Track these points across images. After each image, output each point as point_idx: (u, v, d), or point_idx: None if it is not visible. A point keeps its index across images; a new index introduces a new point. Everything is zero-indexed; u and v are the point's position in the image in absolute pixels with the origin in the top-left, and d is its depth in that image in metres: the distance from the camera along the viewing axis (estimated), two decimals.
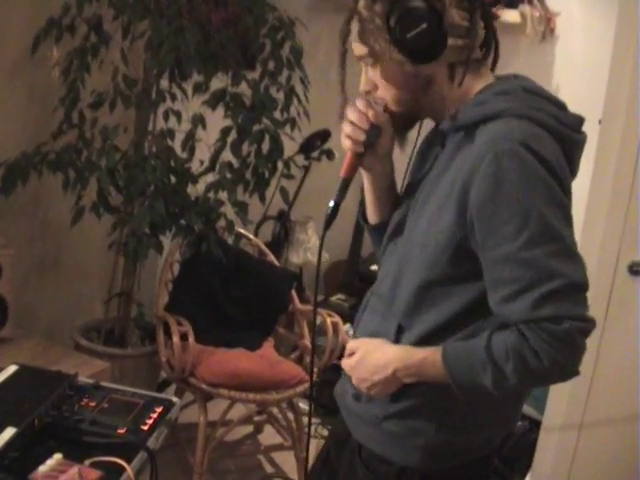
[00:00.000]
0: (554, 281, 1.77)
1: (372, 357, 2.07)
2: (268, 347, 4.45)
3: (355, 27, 1.96)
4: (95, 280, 4.83)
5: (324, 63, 5.21)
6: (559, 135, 1.89)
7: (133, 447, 2.30)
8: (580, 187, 2.11)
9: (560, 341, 1.79)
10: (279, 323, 4.71)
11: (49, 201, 4.36)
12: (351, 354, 2.14)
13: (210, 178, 3.95)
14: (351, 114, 2.05)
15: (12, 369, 2.59)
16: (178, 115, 3.88)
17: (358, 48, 1.99)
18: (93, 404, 2.47)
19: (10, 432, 2.19)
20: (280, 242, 5.42)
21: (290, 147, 4.41)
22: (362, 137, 2.06)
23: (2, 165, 3.78)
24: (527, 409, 4.37)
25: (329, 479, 2.36)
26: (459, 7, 1.87)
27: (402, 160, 2.26)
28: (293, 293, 4.65)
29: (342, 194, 2.11)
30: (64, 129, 3.92)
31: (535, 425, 4.30)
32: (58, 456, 2.16)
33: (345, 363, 2.15)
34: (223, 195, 3.90)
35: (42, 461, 2.13)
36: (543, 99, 1.94)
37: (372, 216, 2.32)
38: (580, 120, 1.99)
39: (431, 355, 1.96)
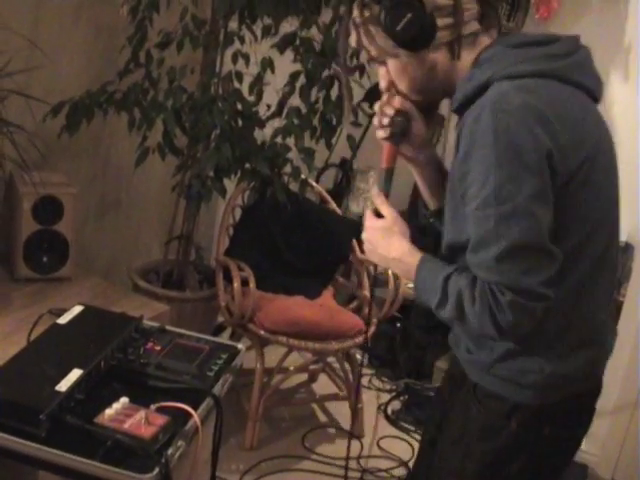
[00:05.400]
0: (499, 244, 1.89)
1: (380, 245, 2.22)
2: (328, 296, 4.42)
3: (353, 37, 2.11)
4: (155, 222, 4.82)
5: None
6: (552, 72, 1.98)
7: (199, 393, 2.28)
8: None
9: (500, 311, 1.91)
10: (337, 272, 4.67)
11: (111, 141, 4.34)
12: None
13: (277, 123, 3.89)
14: (376, 106, 2.22)
15: (77, 309, 2.58)
16: (246, 58, 3.81)
17: (364, 53, 2.14)
18: (158, 348, 2.45)
19: (76, 374, 2.18)
20: (341, 190, 5.37)
21: (358, 94, 4.33)
22: (390, 124, 2.20)
23: (67, 103, 3.74)
24: None
25: (441, 415, 2.45)
26: None
27: None
28: (354, 242, 4.59)
29: (387, 184, 2.26)
30: (131, 68, 3.88)
31: None
32: (124, 400, 2.15)
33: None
34: (289, 141, 3.84)
35: (108, 404, 2.12)
36: (530, 47, 2.03)
37: (430, 203, 2.44)
38: (572, 40, 2.08)
39: (412, 260, 2.13)
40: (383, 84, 2.17)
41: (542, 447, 2.16)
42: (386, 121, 2.20)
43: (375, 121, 2.23)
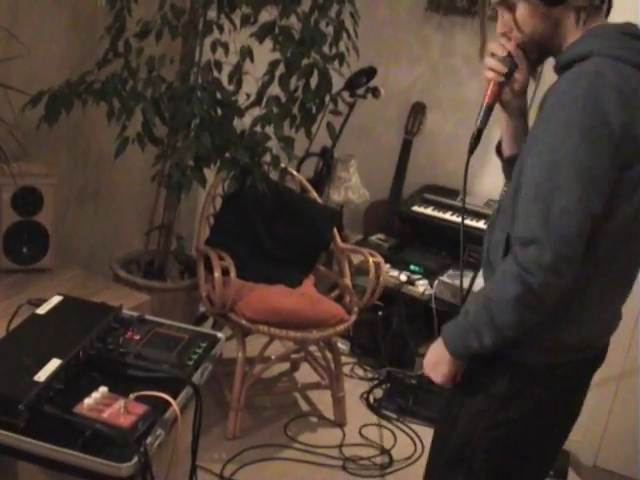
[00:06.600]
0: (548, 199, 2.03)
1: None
2: (309, 285, 4.42)
3: None
4: (135, 212, 4.81)
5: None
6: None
7: (178, 382, 2.29)
8: None
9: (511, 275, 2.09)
10: (318, 261, 4.67)
11: (91, 131, 4.32)
12: None
13: (256, 112, 3.88)
14: (491, 45, 2.30)
15: (56, 300, 2.58)
16: (225, 47, 3.80)
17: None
18: (138, 337, 2.46)
19: (55, 363, 2.18)
20: (322, 179, 5.37)
21: (337, 83, 4.33)
22: (499, 66, 2.28)
23: (46, 93, 3.73)
24: None
25: None
26: None
27: None
28: (335, 231, 4.59)
29: (485, 120, 2.33)
30: (109, 58, 3.87)
31: None
32: (103, 389, 2.15)
33: None
34: (269, 130, 3.83)
35: (87, 393, 2.13)
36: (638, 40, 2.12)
37: (506, 149, 2.48)
38: None
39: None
40: (501, 29, 2.26)
41: (530, 406, 2.29)
42: (496, 64, 2.28)
43: (487, 61, 2.31)
